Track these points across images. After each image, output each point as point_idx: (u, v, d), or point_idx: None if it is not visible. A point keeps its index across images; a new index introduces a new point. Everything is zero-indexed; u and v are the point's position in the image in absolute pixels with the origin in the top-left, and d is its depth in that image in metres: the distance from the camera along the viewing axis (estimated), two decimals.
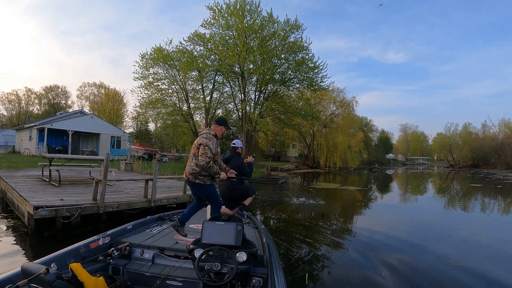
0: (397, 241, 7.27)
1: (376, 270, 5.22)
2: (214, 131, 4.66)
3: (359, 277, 4.99)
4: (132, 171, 17.18)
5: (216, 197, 4.64)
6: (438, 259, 5.92)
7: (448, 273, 5.18)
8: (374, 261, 5.70)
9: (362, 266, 5.46)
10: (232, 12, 27.97)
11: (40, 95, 67.63)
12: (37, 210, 6.01)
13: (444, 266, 5.53)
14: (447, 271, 5.30)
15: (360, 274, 5.12)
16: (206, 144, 4.34)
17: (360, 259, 5.83)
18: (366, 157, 65.13)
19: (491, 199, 16.79)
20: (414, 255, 6.27)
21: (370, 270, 5.24)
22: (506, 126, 76.10)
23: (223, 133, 4.74)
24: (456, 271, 5.30)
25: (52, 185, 9.36)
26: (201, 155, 4.31)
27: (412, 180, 32.70)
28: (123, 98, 60.87)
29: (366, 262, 5.67)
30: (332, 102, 48.57)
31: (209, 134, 4.55)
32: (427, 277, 4.97)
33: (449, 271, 5.27)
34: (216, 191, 4.67)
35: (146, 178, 8.58)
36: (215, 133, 4.65)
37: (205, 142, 4.37)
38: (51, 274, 2.00)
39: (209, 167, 4.30)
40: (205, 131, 4.65)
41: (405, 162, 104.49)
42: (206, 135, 4.52)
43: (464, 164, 72.97)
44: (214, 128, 4.68)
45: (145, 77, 31.20)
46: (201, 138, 4.49)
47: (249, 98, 32.00)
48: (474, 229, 8.93)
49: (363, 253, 6.16)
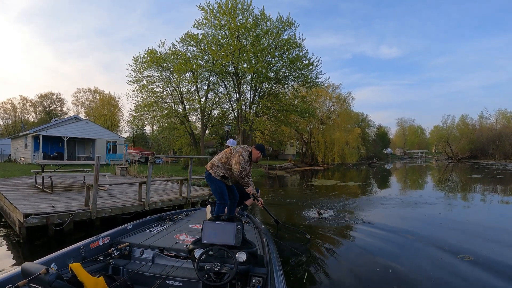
0: (400, 236, 7.02)
1: (379, 268, 5.06)
2: (253, 152, 4.99)
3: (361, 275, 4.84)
4: (127, 175, 17.04)
5: (223, 194, 4.81)
6: (446, 254, 5.65)
7: (457, 269, 4.94)
8: (377, 259, 5.52)
9: (364, 264, 5.31)
10: (224, 11, 27.79)
11: (35, 103, 67.58)
12: (27, 218, 5.87)
13: (453, 262, 5.26)
14: (456, 266, 5.04)
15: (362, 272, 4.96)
16: (241, 154, 4.67)
17: (362, 257, 5.69)
18: (364, 152, 65.15)
19: (493, 189, 16.66)
20: (419, 250, 6.03)
21: (372, 268, 5.09)
22: (503, 116, 76.56)
23: (258, 157, 5.05)
24: (466, 266, 5.04)
25: (45, 192, 9.22)
26: (236, 163, 4.64)
27: (411, 173, 32.67)
28: (118, 102, 60.93)
29: (368, 260, 5.52)
30: (328, 98, 48.58)
31: (246, 149, 4.90)
32: (434, 275, 4.70)
33: (458, 267, 5.02)
34: (225, 188, 4.85)
35: (139, 181, 8.43)
36: (251, 153, 4.98)
37: (241, 151, 4.73)
38: (51, 274, 2.02)
39: (241, 177, 4.63)
40: (243, 146, 5.03)
41: (403, 156, 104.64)
42: (243, 147, 4.91)
43: (462, 156, 73.18)
44: (253, 151, 5.01)
45: (139, 81, 31.15)
46: (239, 147, 4.89)
47: (244, 97, 31.95)
48: (479, 221, 8.65)
49: (364, 251, 6.00)
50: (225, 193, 4.81)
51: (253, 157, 5.00)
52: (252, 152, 4.98)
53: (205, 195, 9.87)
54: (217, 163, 4.81)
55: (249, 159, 4.92)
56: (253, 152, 4.98)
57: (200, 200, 9.92)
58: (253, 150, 5.00)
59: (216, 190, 4.81)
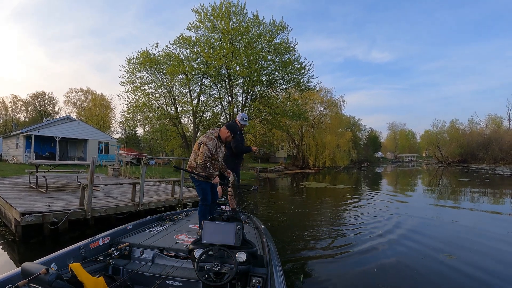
0: (388, 237, 7.32)
1: (369, 266, 5.35)
2: (220, 132, 4.72)
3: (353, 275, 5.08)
4: (120, 176, 17.12)
5: (205, 195, 4.68)
6: (430, 253, 6.06)
7: (439, 267, 5.29)
8: (368, 257, 5.85)
9: (356, 264, 5.55)
10: (217, 14, 27.99)
11: (27, 102, 66.60)
12: (24, 216, 6.00)
13: (436, 260, 5.64)
14: (438, 264, 5.41)
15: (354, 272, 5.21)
16: (206, 144, 4.49)
17: (354, 257, 5.92)
18: (355, 156, 65.67)
19: (480, 192, 17.08)
20: (406, 249, 6.39)
21: (363, 266, 5.37)
22: (493, 121, 77.54)
23: (227, 137, 4.73)
24: (447, 265, 5.40)
25: (39, 192, 9.33)
26: (200, 153, 4.48)
27: (401, 177, 33.02)
28: (110, 103, 60.59)
29: (359, 259, 5.79)
30: (320, 102, 48.89)
31: (211, 134, 4.66)
32: (418, 272, 5.08)
33: (440, 265, 5.38)
34: (208, 189, 4.72)
35: (133, 182, 8.59)
36: (218, 134, 4.72)
37: (205, 141, 4.53)
38: (51, 274, 2.01)
39: (205, 167, 4.48)
40: (209, 131, 4.77)
41: (394, 160, 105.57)
42: (208, 134, 4.66)
43: (452, 160, 73.93)
44: (221, 130, 4.75)
45: (132, 82, 31.19)
46: (203, 136, 4.67)
47: (237, 100, 32.11)
48: (464, 222, 9.00)
49: (357, 251, 6.25)
50: (208, 194, 4.70)
51: (222, 137, 4.70)
52: (220, 132, 4.70)
53: (197, 196, 10.02)
54: (195, 165, 4.63)
55: (218, 143, 4.68)
56: (221, 132, 4.69)
57: (192, 201, 10.10)
58: (221, 130, 4.71)
59: (199, 191, 4.71)
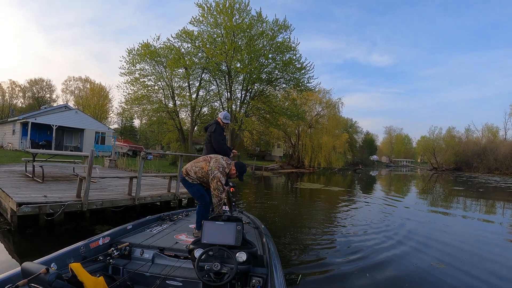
0: (382, 242, 7.43)
1: (361, 270, 5.42)
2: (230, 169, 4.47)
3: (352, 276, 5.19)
4: (116, 168, 17.11)
5: (204, 195, 4.64)
6: (420, 261, 6.15)
7: (429, 275, 5.38)
8: (359, 262, 5.91)
9: (350, 266, 5.62)
10: (221, 10, 27.83)
11: (25, 88, 65.88)
12: (21, 206, 6.02)
13: (426, 268, 5.74)
14: (428, 273, 5.49)
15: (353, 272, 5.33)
16: (219, 180, 4.23)
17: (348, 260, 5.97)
18: (351, 158, 65.85)
19: (473, 202, 17.22)
20: (398, 256, 6.45)
21: (356, 270, 5.44)
22: (490, 131, 77.76)
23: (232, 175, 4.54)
24: (437, 273, 5.49)
25: (35, 181, 9.32)
26: (214, 189, 4.22)
27: (395, 182, 33.25)
28: (108, 93, 60.31)
29: (352, 263, 5.84)
30: (318, 103, 49.06)
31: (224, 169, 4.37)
32: (409, 279, 5.16)
33: (431, 273, 5.47)
34: (203, 189, 4.62)
35: (130, 176, 8.61)
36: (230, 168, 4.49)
37: (219, 177, 4.24)
38: (51, 274, 2.02)
39: (219, 204, 4.23)
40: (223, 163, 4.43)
41: (389, 164, 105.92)
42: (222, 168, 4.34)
43: (447, 167, 74.25)
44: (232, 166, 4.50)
45: (132, 73, 30.93)
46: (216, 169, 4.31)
47: (235, 97, 31.98)
48: (455, 231, 9.14)
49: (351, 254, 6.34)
50: (205, 193, 4.62)
51: (229, 173, 4.49)
52: (230, 169, 4.48)
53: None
54: (193, 176, 4.47)
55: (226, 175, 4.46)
56: (231, 169, 4.48)
57: (188, 197, 10.15)
58: (232, 166, 4.50)
59: (194, 193, 4.60)
